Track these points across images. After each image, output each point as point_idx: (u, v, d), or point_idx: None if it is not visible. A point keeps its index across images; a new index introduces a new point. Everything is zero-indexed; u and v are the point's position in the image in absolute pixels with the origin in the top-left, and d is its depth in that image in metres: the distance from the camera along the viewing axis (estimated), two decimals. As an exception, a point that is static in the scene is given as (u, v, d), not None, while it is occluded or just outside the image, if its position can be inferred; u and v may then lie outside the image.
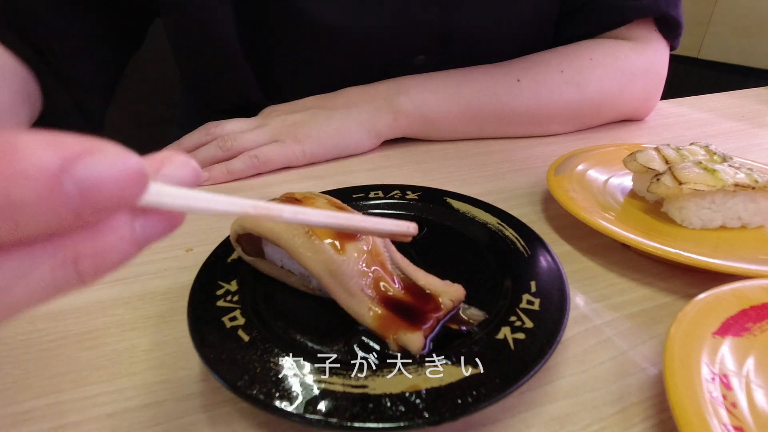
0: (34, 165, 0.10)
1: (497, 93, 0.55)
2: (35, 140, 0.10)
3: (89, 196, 0.10)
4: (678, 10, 0.57)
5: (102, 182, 0.11)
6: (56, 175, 0.10)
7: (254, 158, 0.47)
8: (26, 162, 0.10)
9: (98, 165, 0.10)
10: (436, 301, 0.25)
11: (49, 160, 0.10)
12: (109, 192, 0.11)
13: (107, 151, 0.11)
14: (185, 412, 0.22)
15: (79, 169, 0.10)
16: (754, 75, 1.22)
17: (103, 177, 0.11)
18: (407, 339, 0.23)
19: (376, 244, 0.27)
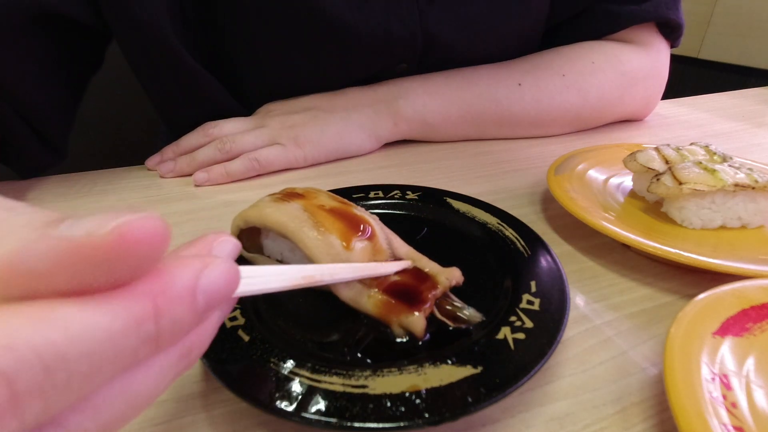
0: (183, 287, 0.12)
1: (498, 98, 0.54)
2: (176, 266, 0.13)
3: (210, 300, 0.13)
4: (678, 12, 0.56)
5: (218, 288, 0.13)
6: (193, 292, 0.13)
7: (254, 161, 0.47)
8: (178, 285, 0.12)
9: (214, 275, 0.13)
10: (433, 279, 0.25)
11: (189, 279, 0.13)
12: (222, 293, 0.14)
13: (216, 263, 0.14)
14: (185, 412, 0.22)
15: (204, 282, 0.13)
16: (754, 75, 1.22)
17: (218, 284, 0.13)
18: (410, 322, 0.23)
19: (376, 233, 0.27)
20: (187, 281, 0.13)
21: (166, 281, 0.12)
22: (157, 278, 0.12)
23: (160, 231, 0.12)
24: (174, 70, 0.47)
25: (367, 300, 0.24)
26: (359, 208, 0.29)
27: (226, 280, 0.14)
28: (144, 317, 0.12)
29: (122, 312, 0.11)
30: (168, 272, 0.12)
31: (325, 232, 0.25)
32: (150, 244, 0.11)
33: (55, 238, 0.10)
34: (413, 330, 0.23)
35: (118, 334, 0.11)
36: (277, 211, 0.26)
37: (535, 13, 0.56)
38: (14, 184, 0.46)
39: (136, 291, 0.12)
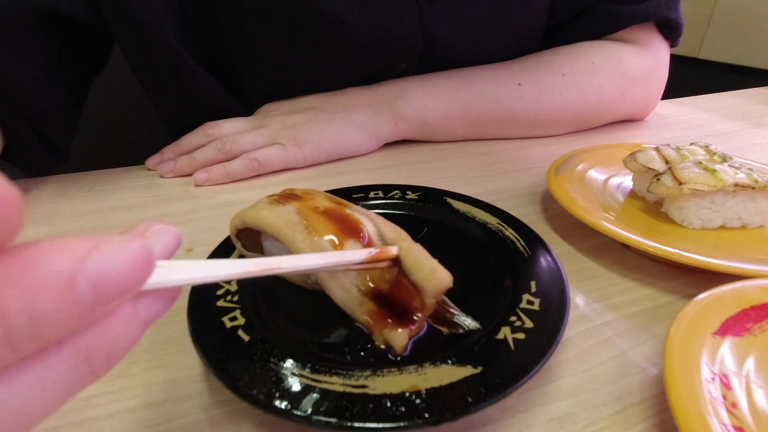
0: (48, 273, 0.10)
1: (498, 98, 0.54)
2: (44, 248, 0.10)
3: (102, 291, 0.10)
4: (678, 12, 0.56)
5: (112, 274, 0.11)
6: (70, 278, 0.10)
7: (254, 161, 0.47)
8: (41, 272, 0.10)
9: (106, 258, 0.11)
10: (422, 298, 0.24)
11: (61, 265, 0.10)
12: (120, 281, 0.11)
13: (112, 243, 0.11)
14: (185, 412, 0.22)
15: (90, 266, 0.10)
16: (754, 75, 1.22)
17: (113, 268, 0.11)
18: (392, 336, 0.23)
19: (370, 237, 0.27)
20: (58, 267, 0.10)
21: (23, 267, 0.10)
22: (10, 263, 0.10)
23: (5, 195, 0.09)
24: (173, 70, 0.47)
25: (359, 307, 0.24)
26: (357, 208, 0.29)
27: (125, 265, 0.11)
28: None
29: None
30: (30, 255, 0.10)
31: (316, 236, 0.25)
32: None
33: None
34: (393, 345, 0.23)
35: None
36: (272, 214, 0.26)
37: (535, 13, 0.56)
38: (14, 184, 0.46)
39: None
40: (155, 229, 0.14)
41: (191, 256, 0.34)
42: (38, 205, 0.43)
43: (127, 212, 0.41)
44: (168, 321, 0.28)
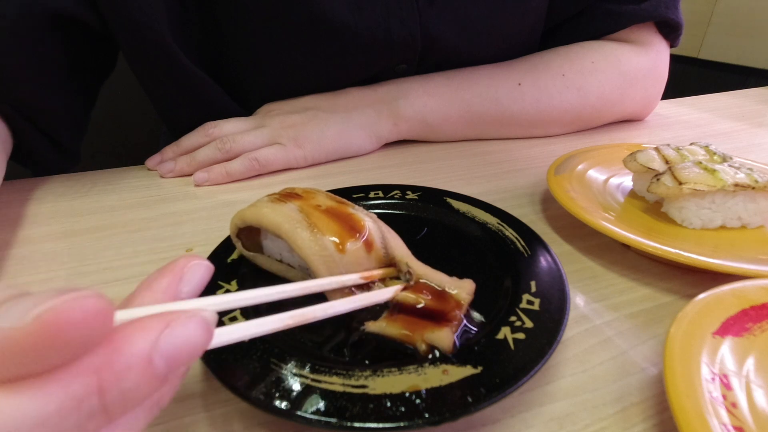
0: (134, 355, 0.12)
1: (498, 98, 0.54)
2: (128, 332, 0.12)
3: (173, 363, 0.13)
4: (677, 12, 0.56)
5: (181, 349, 0.13)
6: (149, 358, 0.12)
7: (254, 161, 0.47)
8: (128, 355, 0.12)
9: (177, 335, 0.13)
10: (455, 298, 0.25)
11: (141, 348, 0.12)
12: (187, 353, 0.13)
13: (180, 319, 0.13)
14: (185, 412, 0.22)
15: (163, 345, 0.12)
16: (754, 75, 1.22)
17: (182, 344, 0.13)
18: (436, 337, 0.22)
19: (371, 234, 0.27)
20: (139, 349, 0.12)
21: (113, 352, 0.12)
22: (103, 351, 0.12)
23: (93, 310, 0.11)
24: (172, 72, 0.47)
25: (388, 324, 0.24)
26: (358, 208, 0.29)
27: (191, 340, 0.13)
28: (84, 394, 0.11)
29: (57, 393, 0.11)
30: (117, 342, 0.12)
31: (318, 233, 0.25)
32: (84, 326, 0.11)
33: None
34: (441, 345, 0.22)
35: (53, 416, 0.11)
36: (273, 212, 0.26)
37: (534, 13, 0.56)
38: (15, 184, 0.46)
39: (75, 369, 0.11)
40: (192, 265, 0.17)
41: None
42: (38, 205, 0.43)
43: (127, 212, 0.41)
44: (168, 321, 0.28)
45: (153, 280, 0.16)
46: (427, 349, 0.22)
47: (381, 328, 0.23)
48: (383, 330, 0.23)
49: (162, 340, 0.12)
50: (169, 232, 0.38)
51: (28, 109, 0.42)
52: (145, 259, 0.34)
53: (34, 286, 0.31)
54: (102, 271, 0.33)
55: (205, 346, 0.14)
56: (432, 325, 0.23)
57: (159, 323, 0.13)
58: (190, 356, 0.13)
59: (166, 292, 0.16)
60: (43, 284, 0.32)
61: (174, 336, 0.13)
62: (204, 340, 0.14)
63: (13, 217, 0.40)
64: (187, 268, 0.16)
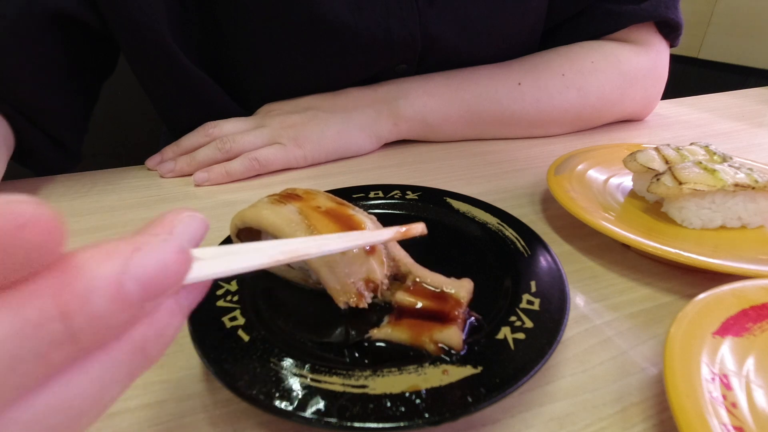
0: (98, 277, 0.11)
1: (498, 97, 0.54)
2: (90, 254, 0.11)
3: (148, 289, 0.11)
4: (677, 12, 0.56)
5: (156, 273, 0.12)
6: (118, 280, 0.11)
7: (254, 160, 0.47)
8: (91, 277, 0.11)
9: (149, 257, 0.12)
10: (455, 297, 0.25)
11: (107, 270, 0.11)
12: (164, 279, 0.12)
13: (152, 243, 0.12)
14: (185, 412, 0.22)
15: (134, 268, 0.11)
16: (754, 75, 1.22)
17: (156, 268, 0.12)
18: (445, 336, 0.22)
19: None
20: (106, 271, 0.11)
21: (75, 273, 0.11)
22: (62, 271, 0.11)
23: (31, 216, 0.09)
24: (172, 72, 0.47)
25: (393, 329, 0.24)
26: (358, 209, 0.29)
27: (165, 264, 0.12)
28: (40, 318, 0.10)
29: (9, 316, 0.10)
30: (78, 262, 0.11)
31: (318, 234, 0.25)
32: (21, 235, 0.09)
33: None
34: (450, 343, 0.22)
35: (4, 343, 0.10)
36: (273, 214, 0.26)
37: (534, 13, 0.56)
38: (15, 184, 0.46)
39: (24, 289, 0.10)
40: (183, 217, 0.15)
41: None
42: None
43: (127, 212, 0.41)
44: (168, 321, 0.28)
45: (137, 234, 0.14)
46: (437, 349, 0.22)
47: (387, 335, 0.23)
48: (389, 336, 0.23)
49: (132, 263, 0.11)
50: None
51: (29, 108, 0.42)
52: (145, 259, 0.34)
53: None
54: (102, 271, 0.33)
55: (182, 272, 0.12)
56: (437, 326, 0.23)
57: (127, 245, 0.11)
58: (166, 285, 0.12)
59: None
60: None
61: (146, 259, 0.11)
62: (180, 265, 0.12)
63: (13, 217, 0.40)
64: (177, 220, 0.14)
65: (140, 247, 0.12)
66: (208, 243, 0.33)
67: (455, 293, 0.25)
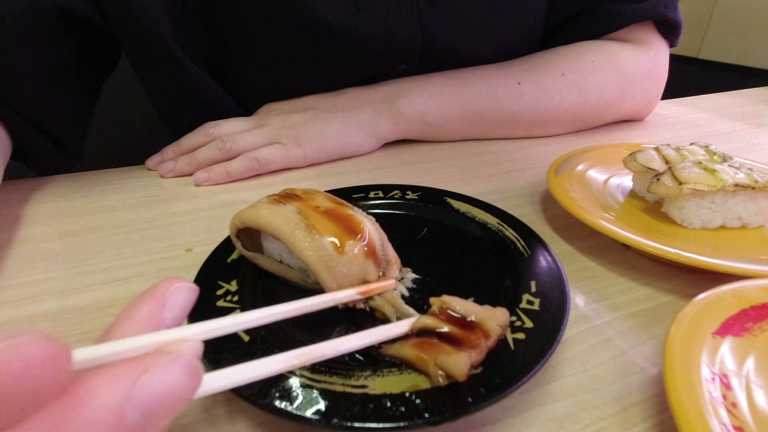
0: (99, 408, 0.10)
1: (498, 97, 0.54)
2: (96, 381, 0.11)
3: (151, 415, 0.11)
4: (676, 11, 0.56)
5: (161, 397, 0.11)
6: (120, 410, 0.10)
7: (254, 160, 0.47)
8: (93, 408, 0.10)
9: (154, 383, 0.11)
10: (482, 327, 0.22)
11: (111, 399, 0.10)
12: (169, 402, 0.11)
13: (160, 363, 0.11)
14: (185, 412, 0.22)
15: (138, 394, 0.11)
16: (754, 75, 1.22)
17: (163, 392, 0.11)
18: (450, 361, 0.20)
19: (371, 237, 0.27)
20: (107, 400, 0.10)
21: (77, 404, 0.10)
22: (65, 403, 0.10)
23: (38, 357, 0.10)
24: (173, 72, 0.47)
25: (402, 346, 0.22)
26: (357, 209, 0.29)
27: (173, 388, 0.11)
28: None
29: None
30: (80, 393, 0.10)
31: (317, 235, 0.25)
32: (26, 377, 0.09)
33: None
34: (452, 371, 0.20)
35: None
36: (272, 214, 0.26)
37: (533, 13, 0.56)
38: (15, 184, 0.46)
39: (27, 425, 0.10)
40: (174, 288, 0.15)
41: (191, 256, 0.34)
42: (38, 205, 0.43)
43: (127, 212, 0.41)
44: (168, 321, 0.28)
45: (133, 308, 0.14)
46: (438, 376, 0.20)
47: (396, 351, 0.22)
48: (398, 352, 0.22)
49: (138, 387, 0.11)
50: (169, 232, 0.37)
51: (30, 106, 0.42)
52: (145, 259, 0.34)
53: (34, 286, 0.31)
54: (102, 271, 0.33)
55: (191, 394, 0.12)
56: (449, 349, 0.21)
57: (134, 369, 0.11)
58: (173, 406, 0.12)
59: (148, 320, 0.14)
60: (42, 284, 0.32)
61: (152, 383, 0.11)
62: (189, 386, 0.12)
63: (13, 217, 0.40)
64: (169, 292, 0.15)
65: (147, 369, 0.11)
66: (209, 243, 0.33)
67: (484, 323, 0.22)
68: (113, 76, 0.52)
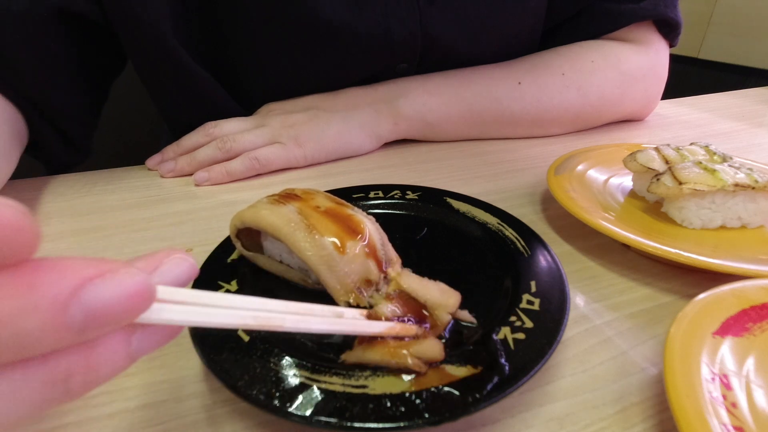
0: (44, 297, 0.10)
1: (498, 97, 0.54)
2: (48, 269, 0.10)
3: (93, 320, 0.11)
4: (676, 11, 0.56)
5: (108, 305, 0.11)
6: (64, 304, 0.10)
7: (254, 160, 0.47)
8: (39, 294, 0.10)
9: (105, 289, 0.11)
10: (432, 316, 0.24)
11: (58, 290, 0.10)
12: (113, 313, 0.11)
13: (115, 274, 0.11)
14: (185, 412, 0.22)
15: (87, 295, 0.10)
16: (754, 75, 1.22)
17: (109, 300, 0.11)
18: (424, 349, 0.21)
19: (372, 237, 0.27)
20: (55, 290, 0.10)
21: (26, 284, 0.10)
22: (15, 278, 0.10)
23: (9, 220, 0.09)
24: (174, 71, 0.47)
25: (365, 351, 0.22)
26: (356, 209, 0.29)
27: (122, 298, 0.11)
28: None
29: None
30: (36, 275, 0.10)
31: (318, 235, 0.25)
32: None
33: None
34: (430, 356, 0.21)
35: None
36: (272, 214, 0.26)
37: (533, 12, 0.57)
38: (16, 184, 0.46)
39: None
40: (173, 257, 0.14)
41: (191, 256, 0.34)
42: (38, 205, 0.43)
43: (127, 212, 0.41)
44: (168, 321, 0.28)
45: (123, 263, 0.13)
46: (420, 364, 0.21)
47: (359, 357, 0.22)
48: (361, 358, 0.22)
49: (87, 289, 0.11)
50: (170, 232, 0.37)
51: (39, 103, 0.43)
52: (145, 259, 0.34)
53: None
54: (102, 271, 0.33)
55: (136, 312, 0.12)
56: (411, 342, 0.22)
57: (91, 269, 0.11)
58: (115, 318, 0.11)
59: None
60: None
61: (103, 290, 0.11)
62: (137, 304, 0.11)
63: (13, 217, 0.40)
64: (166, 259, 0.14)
65: (103, 274, 0.11)
66: (209, 243, 0.33)
67: (437, 313, 0.24)
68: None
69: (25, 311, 0.10)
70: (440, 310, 0.24)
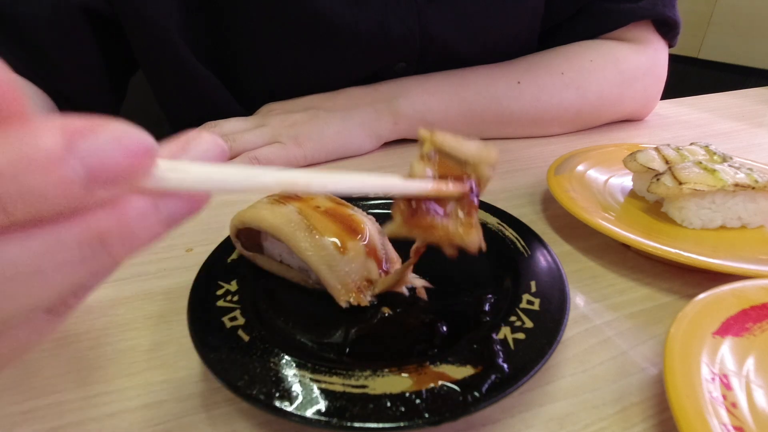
0: (37, 149, 0.10)
1: (497, 96, 0.54)
2: (43, 125, 0.10)
3: (96, 172, 0.11)
4: (675, 11, 0.56)
5: (107, 157, 0.11)
6: (61, 156, 0.10)
7: (254, 159, 0.47)
8: (30, 146, 0.10)
9: (102, 141, 0.11)
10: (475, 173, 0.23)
11: (52, 143, 0.10)
12: (116, 166, 0.11)
13: (111, 128, 0.11)
14: (185, 412, 0.22)
15: (83, 147, 0.10)
16: (754, 75, 1.22)
17: (108, 152, 0.11)
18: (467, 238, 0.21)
19: (372, 236, 0.27)
20: (49, 143, 0.10)
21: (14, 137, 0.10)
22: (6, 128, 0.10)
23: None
24: (177, 68, 0.48)
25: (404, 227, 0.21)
26: (357, 209, 0.29)
27: (120, 153, 0.11)
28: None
29: None
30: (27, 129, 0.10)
31: (318, 235, 0.25)
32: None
33: None
34: (469, 246, 0.21)
35: None
36: (272, 214, 0.26)
37: (532, 12, 0.57)
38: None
39: None
40: (201, 138, 0.14)
41: (191, 256, 0.34)
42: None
43: (127, 212, 0.41)
44: (168, 321, 0.28)
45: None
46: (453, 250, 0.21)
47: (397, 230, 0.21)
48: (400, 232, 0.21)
49: (84, 142, 0.10)
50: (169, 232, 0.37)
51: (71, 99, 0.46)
52: (145, 259, 0.34)
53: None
54: (102, 270, 0.33)
55: (139, 168, 0.11)
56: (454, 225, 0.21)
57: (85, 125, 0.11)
58: (118, 173, 0.11)
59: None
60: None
61: (100, 142, 0.11)
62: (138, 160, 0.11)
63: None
64: (195, 140, 0.14)
65: (98, 129, 0.11)
66: (209, 243, 0.33)
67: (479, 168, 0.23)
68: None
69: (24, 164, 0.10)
70: (482, 165, 0.23)
